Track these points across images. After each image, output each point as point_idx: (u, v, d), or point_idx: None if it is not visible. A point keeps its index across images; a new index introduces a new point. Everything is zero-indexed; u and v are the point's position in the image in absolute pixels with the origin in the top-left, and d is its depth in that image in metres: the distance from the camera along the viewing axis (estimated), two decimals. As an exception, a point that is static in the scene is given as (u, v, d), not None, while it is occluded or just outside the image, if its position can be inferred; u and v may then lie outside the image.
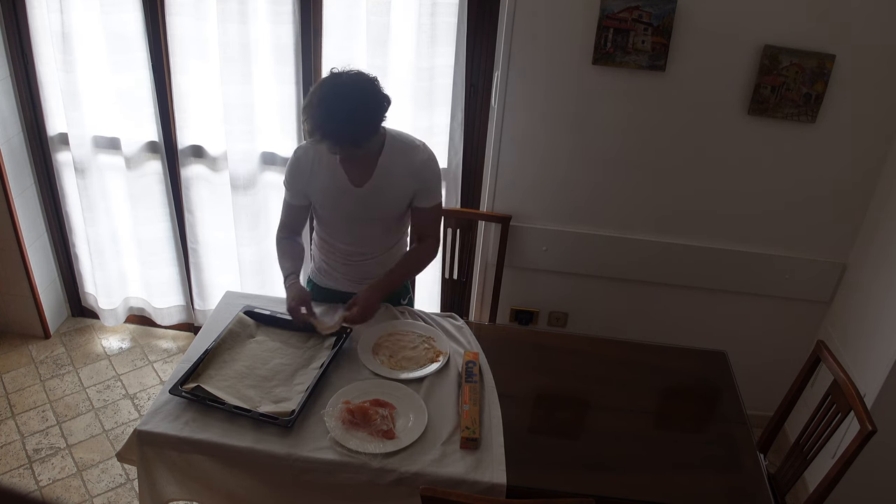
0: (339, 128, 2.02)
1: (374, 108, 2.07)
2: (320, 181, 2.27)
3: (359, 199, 2.26)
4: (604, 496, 1.89)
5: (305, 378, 2.17)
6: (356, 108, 2.03)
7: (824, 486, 2.13)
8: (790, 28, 2.45)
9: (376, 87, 2.08)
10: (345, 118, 2.01)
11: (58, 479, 2.81)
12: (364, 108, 2.05)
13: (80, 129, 3.02)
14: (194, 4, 2.74)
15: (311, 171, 2.27)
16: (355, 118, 2.03)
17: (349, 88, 2.04)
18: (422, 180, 2.27)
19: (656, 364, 2.44)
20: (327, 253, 2.45)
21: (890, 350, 2.51)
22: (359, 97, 2.04)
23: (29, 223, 3.26)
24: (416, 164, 2.25)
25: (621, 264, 2.94)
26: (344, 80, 2.05)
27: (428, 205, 2.32)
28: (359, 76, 2.07)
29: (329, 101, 2.01)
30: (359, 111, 2.04)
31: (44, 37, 2.87)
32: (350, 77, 2.06)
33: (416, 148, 2.26)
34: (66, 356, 3.40)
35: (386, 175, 2.24)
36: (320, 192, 2.30)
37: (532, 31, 2.55)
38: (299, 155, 2.29)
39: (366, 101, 2.05)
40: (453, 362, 2.29)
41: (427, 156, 2.27)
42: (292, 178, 2.31)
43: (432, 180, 2.30)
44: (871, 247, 2.72)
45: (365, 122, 2.06)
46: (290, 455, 1.95)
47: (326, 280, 2.49)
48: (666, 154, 2.72)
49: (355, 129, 2.04)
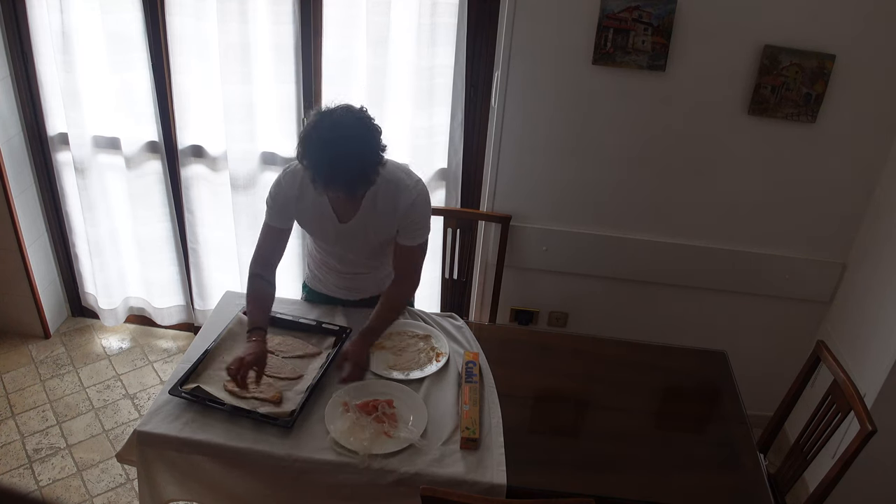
0: (340, 176, 1.94)
1: (375, 159, 1.99)
2: (306, 210, 2.22)
3: (343, 232, 2.23)
4: (604, 496, 1.89)
5: (305, 378, 2.18)
6: (358, 159, 1.95)
7: (824, 486, 2.13)
8: (790, 28, 2.45)
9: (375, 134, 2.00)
10: (346, 168, 1.93)
11: (58, 479, 2.81)
12: (366, 158, 1.97)
13: (80, 129, 3.02)
14: (194, 4, 2.74)
15: (297, 198, 2.20)
16: (357, 170, 1.95)
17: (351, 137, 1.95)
18: (406, 221, 2.20)
19: (656, 364, 2.44)
20: (319, 264, 2.44)
21: (890, 350, 2.51)
22: (361, 147, 1.96)
23: (29, 223, 3.26)
24: (400, 206, 2.17)
25: (621, 264, 2.94)
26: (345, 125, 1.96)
27: (409, 243, 2.25)
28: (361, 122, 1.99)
29: (331, 149, 1.92)
30: (361, 162, 1.95)
31: (44, 37, 2.87)
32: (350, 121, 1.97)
33: (405, 189, 2.17)
34: (66, 356, 3.40)
35: (371, 212, 2.18)
36: (305, 220, 2.26)
37: (532, 31, 2.55)
38: (286, 179, 2.21)
39: (368, 151, 1.98)
40: (453, 362, 2.29)
41: (415, 198, 2.17)
42: (276, 202, 2.22)
43: (417, 221, 2.21)
44: (871, 247, 2.72)
45: (365, 174, 1.97)
46: (290, 455, 1.95)
47: (320, 286, 2.49)
48: (666, 154, 2.72)
49: (356, 180, 1.97)
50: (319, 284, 2.49)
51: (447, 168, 2.98)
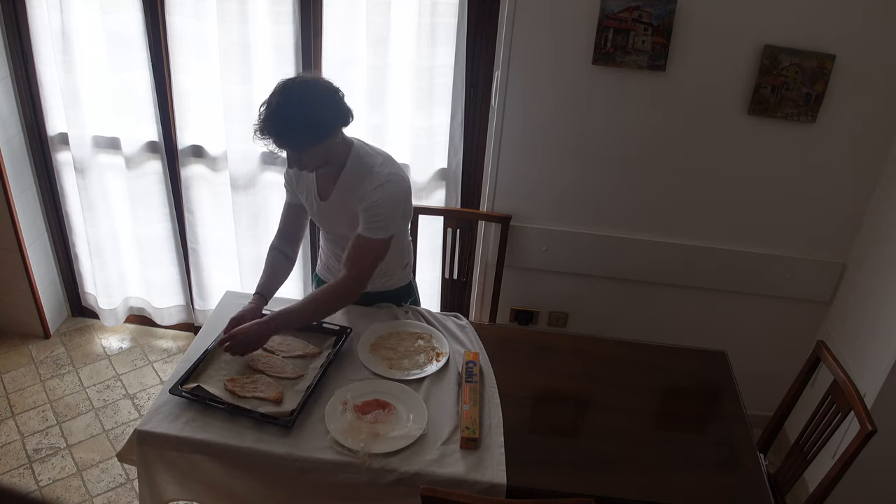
0: (280, 126, 1.99)
1: (321, 115, 2.02)
2: (301, 187, 2.34)
3: (323, 211, 2.31)
4: (604, 496, 1.89)
5: (305, 378, 2.18)
6: (300, 109, 1.98)
7: (824, 486, 2.13)
8: (790, 28, 2.45)
9: (331, 98, 2.03)
10: (287, 118, 1.98)
11: (58, 479, 2.81)
12: (309, 111, 1.99)
13: (79, 129, 3.02)
14: (194, 4, 2.74)
15: (296, 176, 2.33)
16: (297, 119, 1.98)
17: (300, 91, 2.00)
18: (366, 207, 2.15)
19: (656, 364, 2.44)
20: (326, 249, 2.50)
21: (890, 350, 2.51)
22: (308, 98, 2.00)
23: (29, 223, 3.26)
24: (363, 190, 2.15)
25: (621, 264, 2.94)
26: (295, 83, 2.02)
27: (364, 234, 2.16)
28: (315, 82, 2.04)
29: (274, 99, 2.00)
30: (302, 112, 1.99)
31: (44, 37, 2.87)
32: (305, 81, 2.03)
33: (373, 176, 2.15)
34: (66, 356, 3.40)
35: (343, 193, 2.21)
36: (303, 197, 2.36)
37: (532, 31, 2.55)
38: None
39: (313, 105, 2.00)
40: (453, 362, 2.29)
41: (378, 185, 2.13)
42: (287, 178, 2.37)
43: (377, 214, 2.14)
44: (871, 247, 2.72)
45: (306, 126, 2.00)
46: (290, 455, 1.95)
47: (328, 275, 2.52)
48: (666, 154, 2.72)
49: (294, 132, 2.00)
50: (327, 273, 2.52)
51: (447, 168, 2.98)
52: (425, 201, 3.03)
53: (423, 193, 3.02)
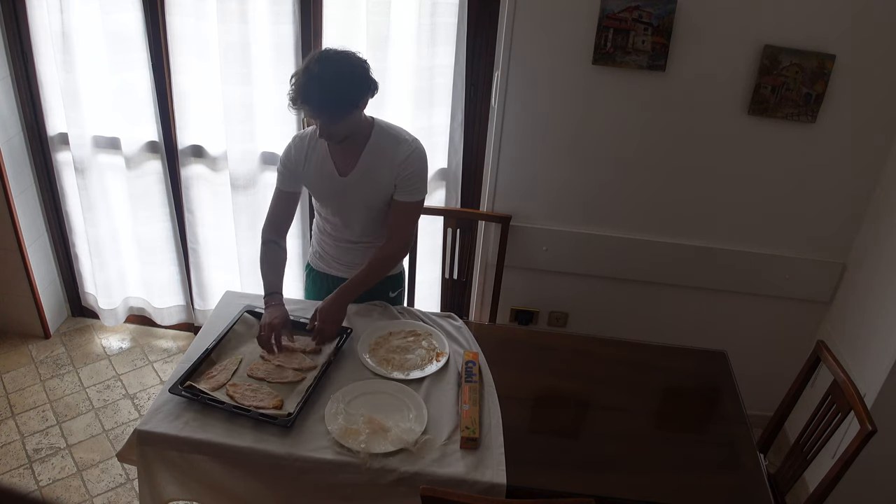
0: (319, 94, 2.05)
1: (357, 84, 2.10)
2: (312, 169, 2.32)
3: (344, 188, 2.30)
4: (604, 496, 1.89)
5: (306, 379, 2.18)
6: (338, 78, 2.05)
7: (824, 486, 2.13)
8: (790, 28, 2.45)
9: (364, 69, 2.12)
10: (326, 86, 2.04)
11: (58, 479, 2.81)
12: (346, 81, 2.07)
13: (79, 129, 3.02)
14: (194, 4, 2.74)
15: (305, 159, 2.31)
16: (336, 88, 2.05)
17: (337, 61, 2.08)
18: (402, 174, 2.26)
19: (656, 364, 2.44)
20: (322, 236, 2.49)
21: (890, 350, 2.51)
22: (345, 70, 2.07)
23: (29, 223, 3.26)
24: (398, 157, 2.24)
25: (621, 264, 2.94)
26: (332, 54, 2.09)
27: (404, 199, 2.30)
28: (349, 54, 2.11)
29: (314, 67, 2.05)
30: (340, 82, 2.06)
31: (44, 36, 2.87)
32: (340, 52, 2.11)
33: (402, 142, 2.26)
34: (66, 356, 3.40)
35: (369, 165, 2.26)
36: (311, 179, 2.34)
37: (532, 31, 2.55)
38: (295, 143, 2.33)
39: (350, 75, 2.08)
40: (453, 362, 2.29)
41: (412, 151, 2.26)
42: (287, 165, 2.34)
43: (413, 175, 2.27)
44: (871, 247, 2.72)
45: (343, 95, 2.08)
46: (290, 455, 1.95)
47: (322, 265, 2.52)
48: (666, 154, 2.72)
49: (333, 100, 2.06)
50: (321, 262, 2.52)
51: (447, 168, 2.98)
52: (425, 201, 3.02)
53: (423, 193, 3.02)
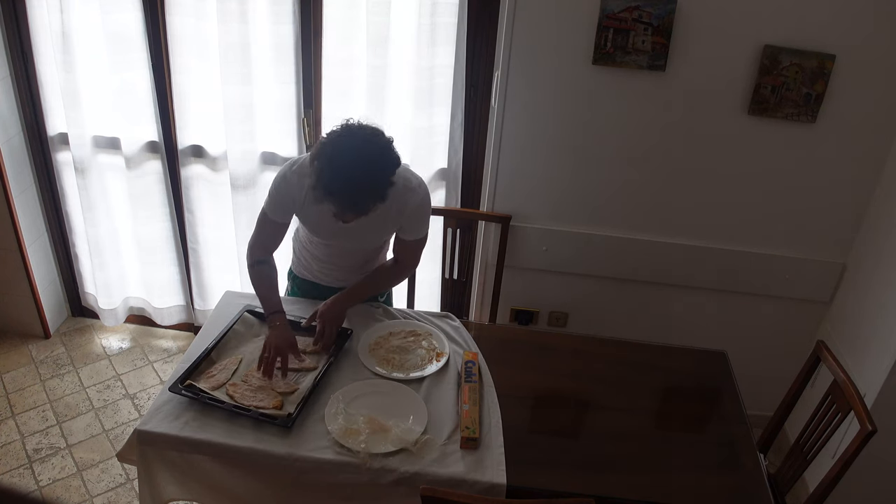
0: (350, 193, 1.91)
1: (387, 177, 1.95)
2: (309, 208, 2.19)
3: (344, 232, 2.21)
4: (604, 496, 1.89)
5: (305, 378, 2.18)
6: (370, 175, 1.90)
7: (824, 486, 2.13)
8: (790, 28, 2.45)
9: (393, 154, 1.97)
10: (357, 185, 1.90)
11: (58, 479, 2.81)
12: (379, 175, 1.92)
13: (80, 129, 3.02)
14: (194, 4, 2.74)
15: (302, 197, 2.17)
16: (368, 186, 1.91)
17: (368, 152, 1.91)
18: (410, 220, 2.24)
19: (656, 364, 2.44)
20: (307, 254, 2.45)
21: (890, 350, 2.51)
22: (376, 163, 1.92)
23: (29, 223, 3.26)
24: (408, 206, 2.19)
25: (621, 264, 2.94)
26: (362, 140, 1.92)
27: (412, 238, 2.30)
28: (377, 137, 1.95)
29: (344, 161, 1.89)
30: (372, 179, 1.91)
31: (44, 36, 2.87)
32: (368, 136, 1.94)
33: (412, 191, 2.18)
34: (66, 356, 3.40)
35: (376, 213, 2.07)
36: (309, 218, 2.25)
37: (532, 31, 2.55)
38: (292, 177, 2.17)
39: (382, 169, 1.93)
40: (453, 362, 2.29)
41: (421, 199, 2.20)
42: (280, 198, 2.20)
43: (422, 218, 2.26)
44: (871, 247, 2.72)
45: (375, 193, 1.93)
46: (290, 455, 1.95)
47: (307, 273, 2.50)
48: (666, 154, 2.72)
49: (365, 198, 1.93)
50: (304, 270, 2.50)
51: (447, 168, 2.98)
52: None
53: (423, 193, 3.02)
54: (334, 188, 1.91)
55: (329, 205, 1.98)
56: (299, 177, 2.17)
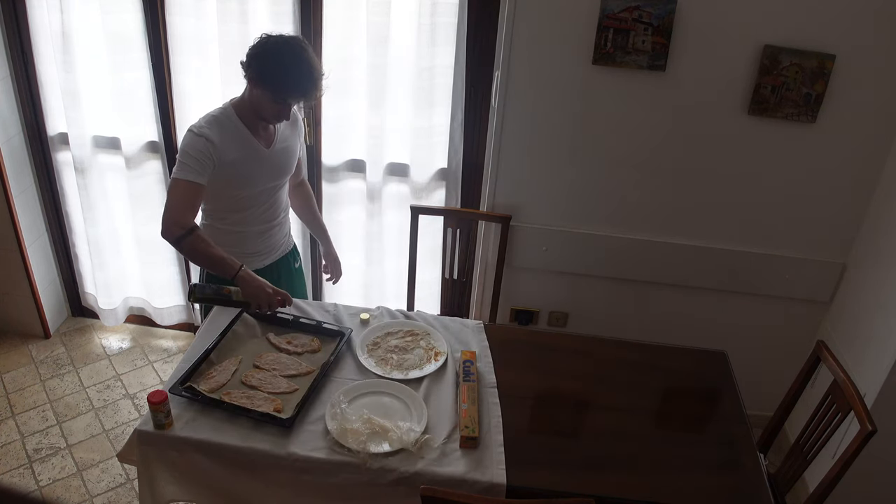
0: (315, 83, 2.17)
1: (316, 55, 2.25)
2: (234, 155, 2.23)
3: (272, 161, 2.34)
4: (604, 496, 1.89)
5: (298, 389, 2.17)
6: (319, 64, 2.20)
7: (824, 486, 2.13)
8: (790, 28, 2.45)
9: None
10: (317, 74, 2.17)
11: (58, 479, 2.81)
12: (315, 56, 2.19)
13: (80, 129, 3.02)
14: (194, 4, 2.74)
15: (221, 147, 2.20)
16: (320, 75, 2.19)
17: (308, 50, 2.17)
18: (299, 127, 2.47)
19: (656, 364, 2.44)
20: (241, 236, 2.39)
21: (890, 350, 2.51)
22: (308, 47, 2.19)
23: (29, 223, 3.26)
24: (296, 114, 2.42)
25: (621, 264, 2.94)
26: (303, 44, 2.17)
27: (302, 148, 2.55)
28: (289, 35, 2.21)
29: (303, 62, 2.13)
30: (320, 65, 2.21)
31: (44, 36, 2.87)
32: (303, 41, 2.21)
33: None
34: (66, 356, 3.40)
35: (283, 131, 2.37)
36: (241, 163, 2.25)
37: (532, 32, 2.55)
38: (206, 132, 2.18)
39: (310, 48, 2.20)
40: (451, 362, 2.29)
41: None
42: (208, 153, 2.17)
43: (302, 125, 2.51)
44: (871, 247, 2.72)
45: (320, 68, 2.20)
46: (290, 455, 1.95)
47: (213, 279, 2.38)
48: (666, 154, 2.72)
49: (319, 76, 2.19)
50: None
51: (447, 168, 2.98)
52: (425, 201, 3.03)
53: (423, 193, 3.02)
54: (300, 77, 2.14)
55: (291, 99, 2.18)
56: (217, 125, 2.23)
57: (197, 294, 2.22)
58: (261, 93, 2.18)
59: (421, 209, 2.87)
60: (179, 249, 2.24)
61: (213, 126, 2.22)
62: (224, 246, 2.28)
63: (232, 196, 2.33)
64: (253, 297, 2.18)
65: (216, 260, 2.19)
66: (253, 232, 2.42)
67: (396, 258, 3.16)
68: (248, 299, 2.18)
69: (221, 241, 2.30)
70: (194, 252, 2.20)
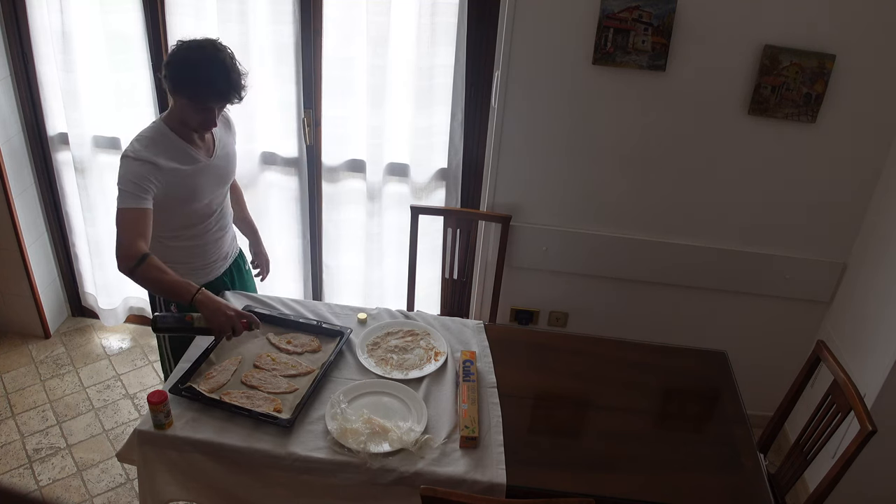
0: (232, 84, 2.13)
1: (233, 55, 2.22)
2: (177, 171, 2.17)
3: (217, 169, 2.31)
4: (604, 496, 1.89)
5: (305, 379, 2.18)
6: (237, 67, 2.16)
7: (824, 486, 2.13)
8: (790, 28, 2.45)
9: None
10: (235, 74, 2.13)
11: (58, 479, 2.81)
12: (229, 54, 2.16)
13: (80, 129, 3.02)
14: (194, 4, 2.74)
15: (162, 166, 2.13)
16: (239, 75, 2.15)
17: (224, 52, 2.14)
18: (232, 128, 2.45)
19: (656, 364, 2.44)
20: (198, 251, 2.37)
21: (890, 350, 2.51)
22: (222, 47, 2.16)
23: (29, 223, 3.26)
24: (228, 116, 2.40)
25: (621, 264, 2.94)
26: (218, 46, 2.14)
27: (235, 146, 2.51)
28: (216, 40, 2.18)
29: (219, 63, 2.10)
30: (229, 57, 2.15)
31: (44, 36, 2.87)
32: (217, 43, 2.16)
33: None
34: (66, 356, 3.40)
35: (222, 137, 2.36)
36: (182, 180, 2.19)
37: (532, 31, 2.55)
38: (144, 155, 2.12)
39: (225, 48, 2.16)
40: (451, 362, 2.29)
41: None
42: (151, 176, 2.11)
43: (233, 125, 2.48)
44: (871, 247, 2.72)
45: (236, 66, 2.16)
46: (290, 455, 1.95)
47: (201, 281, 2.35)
48: (666, 154, 2.72)
49: (236, 74, 2.15)
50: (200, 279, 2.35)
51: (447, 168, 2.98)
52: (425, 201, 3.03)
53: (423, 193, 3.02)
54: (215, 79, 2.09)
55: (210, 103, 2.13)
56: (153, 145, 2.16)
57: (159, 324, 2.07)
58: (182, 102, 2.12)
59: (421, 209, 2.87)
60: (135, 280, 2.08)
61: (149, 147, 2.14)
62: (181, 263, 2.27)
63: (184, 212, 2.26)
64: (214, 323, 2.03)
65: (171, 286, 2.06)
66: (209, 241, 2.39)
67: (396, 258, 3.16)
68: (210, 325, 2.03)
69: (178, 259, 2.27)
70: (147, 281, 2.08)
